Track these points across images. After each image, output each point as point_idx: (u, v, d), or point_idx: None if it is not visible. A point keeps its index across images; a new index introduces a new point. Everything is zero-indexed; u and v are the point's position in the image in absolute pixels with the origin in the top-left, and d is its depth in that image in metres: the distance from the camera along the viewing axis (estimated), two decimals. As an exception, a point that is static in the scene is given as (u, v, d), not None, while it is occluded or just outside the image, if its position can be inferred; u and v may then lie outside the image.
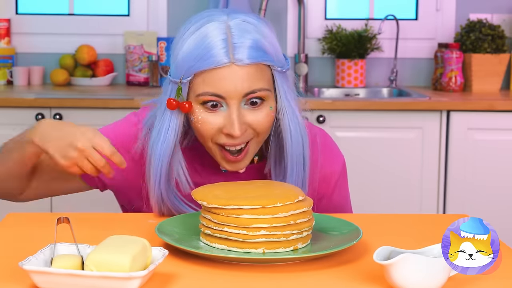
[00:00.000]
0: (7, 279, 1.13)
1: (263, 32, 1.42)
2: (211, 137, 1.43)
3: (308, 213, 1.26)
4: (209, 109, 1.41)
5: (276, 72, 1.43)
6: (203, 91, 1.40)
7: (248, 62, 1.38)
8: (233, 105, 1.39)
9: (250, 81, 1.39)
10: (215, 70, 1.38)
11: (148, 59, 3.47)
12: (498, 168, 3.05)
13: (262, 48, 1.40)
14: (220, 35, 1.38)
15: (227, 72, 1.38)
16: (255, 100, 1.41)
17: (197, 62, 1.38)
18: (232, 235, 1.22)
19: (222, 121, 1.41)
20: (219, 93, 1.39)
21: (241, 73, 1.38)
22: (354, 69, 3.50)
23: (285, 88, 1.45)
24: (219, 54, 1.37)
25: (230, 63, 1.38)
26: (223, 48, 1.37)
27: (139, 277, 1.06)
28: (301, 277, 1.16)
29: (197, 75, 1.40)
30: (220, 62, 1.37)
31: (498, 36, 3.42)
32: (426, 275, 1.09)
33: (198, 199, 1.26)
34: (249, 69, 1.39)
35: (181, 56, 1.41)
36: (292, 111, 1.46)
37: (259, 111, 1.42)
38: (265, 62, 1.41)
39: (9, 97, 3.03)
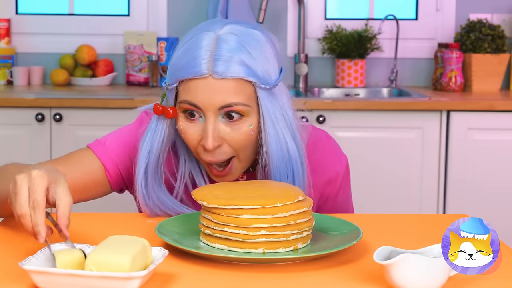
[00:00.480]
0: (7, 279, 1.13)
1: (253, 46, 1.39)
2: (194, 149, 1.44)
3: (308, 213, 1.26)
4: (188, 119, 1.42)
5: (259, 89, 1.40)
6: (183, 99, 1.41)
7: (226, 76, 1.37)
8: (209, 117, 1.39)
9: (225, 95, 1.38)
10: (194, 80, 1.39)
11: (148, 59, 3.47)
12: (498, 168, 3.05)
13: (245, 63, 1.37)
14: (207, 46, 1.38)
15: (203, 83, 1.38)
16: (232, 114, 1.40)
17: (181, 70, 1.40)
18: (232, 235, 1.22)
19: (200, 132, 1.41)
20: (195, 103, 1.39)
21: (216, 86, 1.38)
22: (354, 69, 3.50)
23: (269, 106, 1.41)
24: (200, 65, 1.38)
25: (208, 75, 1.38)
26: (204, 59, 1.38)
27: (139, 277, 1.06)
28: (301, 277, 1.16)
29: (181, 83, 1.41)
30: (198, 73, 1.38)
31: (498, 36, 3.42)
32: (426, 275, 1.09)
33: (198, 199, 1.26)
34: (226, 83, 1.38)
35: (172, 62, 1.43)
36: (275, 129, 1.42)
37: (237, 126, 1.40)
38: (246, 78, 1.38)
39: (9, 97, 3.03)
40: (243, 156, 1.44)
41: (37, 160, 2.98)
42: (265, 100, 1.41)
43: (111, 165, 1.53)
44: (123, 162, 1.54)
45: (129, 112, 2.84)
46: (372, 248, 1.30)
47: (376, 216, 1.59)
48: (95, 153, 1.53)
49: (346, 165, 1.61)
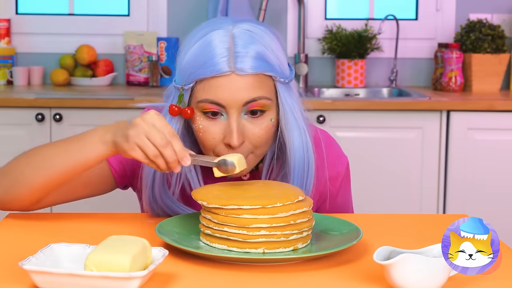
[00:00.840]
0: (7, 279, 1.13)
1: (267, 42, 1.41)
2: (213, 148, 1.42)
3: (308, 213, 1.26)
4: (209, 118, 1.41)
5: (278, 83, 1.42)
6: (203, 98, 1.39)
7: (249, 72, 1.38)
8: (232, 114, 1.39)
9: (250, 91, 1.38)
10: (215, 78, 1.38)
11: (148, 59, 3.47)
12: (498, 168, 3.05)
13: (264, 59, 1.39)
14: (223, 44, 1.38)
15: (227, 81, 1.38)
16: (255, 110, 1.40)
17: (199, 69, 1.38)
18: (232, 235, 1.22)
19: (222, 131, 1.40)
20: (219, 102, 1.39)
21: (240, 82, 1.38)
22: (354, 69, 3.50)
23: (288, 99, 1.43)
24: (220, 63, 1.37)
25: (230, 72, 1.38)
26: (224, 57, 1.37)
27: (139, 277, 1.06)
28: (301, 277, 1.16)
29: (199, 82, 1.40)
30: (220, 71, 1.37)
31: (498, 36, 3.42)
32: (426, 275, 1.09)
33: (198, 199, 1.26)
34: (249, 79, 1.38)
35: (185, 62, 1.41)
36: (296, 123, 1.44)
37: (259, 122, 1.41)
38: (267, 73, 1.40)
39: (9, 97, 3.03)
40: (260, 152, 1.44)
41: (37, 160, 2.98)
42: (284, 93, 1.43)
43: (116, 161, 1.53)
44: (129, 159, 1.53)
45: (129, 112, 2.85)
46: (372, 248, 1.30)
47: (376, 216, 1.59)
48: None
49: (347, 166, 1.61)
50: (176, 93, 1.44)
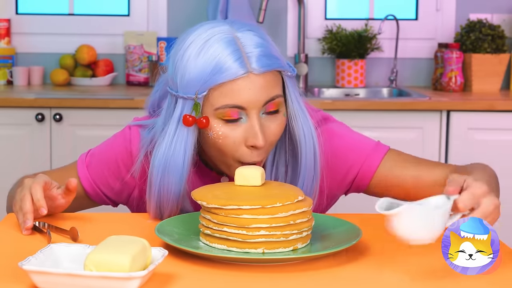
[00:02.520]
0: (7, 279, 1.13)
1: (268, 39, 1.42)
2: (233, 153, 1.41)
3: (308, 213, 1.26)
4: (228, 123, 1.39)
5: (286, 77, 1.44)
6: (222, 104, 1.38)
7: (264, 70, 1.38)
8: (253, 115, 1.39)
9: (268, 89, 1.39)
10: (232, 82, 1.37)
11: (148, 59, 3.47)
12: (498, 168, 3.02)
13: (273, 55, 1.40)
14: (230, 47, 1.37)
15: (246, 82, 1.37)
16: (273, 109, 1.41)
17: (212, 76, 1.36)
18: (231, 235, 1.22)
19: (243, 133, 1.40)
20: (240, 104, 1.38)
21: (259, 81, 1.38)
22: (354, 69, 3.50)
23: (295, 92, 1.45)
24: (235, 66, 1.36)
25: (247, 73, 1.37)
26: (237, 60, 1.36)
27: (139, 277, 1.06)
28: (301, 277, 1.16)
29: (214, 89, 1.38)
30: (237, 74, 1.36)
31: (498, 36, 3.42)
32: (426, 225, 1.14)
33: (198, 199, 1.26)
34: (266, 77, 1.38)
35: (191, 72, 1.38)
36: (304, 114, 1.46)
37: (275, 119, 1.42)
38: (278, 68, 1.41)
39: (9, 97, 3.03)
40: (270, 149, 1.45)
41: (37, 159, 2.98)
42: (292, 87, 1.45)
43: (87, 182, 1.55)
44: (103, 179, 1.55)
45: (129, 112, 2.85)
46: (372, 248, 1.30)
47: (376, 216, 1.58)
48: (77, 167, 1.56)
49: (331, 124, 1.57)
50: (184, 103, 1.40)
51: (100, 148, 1.57)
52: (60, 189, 1.43)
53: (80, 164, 1.56)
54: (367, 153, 1.54)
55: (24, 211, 1.37)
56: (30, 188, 1.38)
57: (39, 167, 2.88)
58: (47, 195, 1.41)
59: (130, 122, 1.56)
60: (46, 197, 1.40)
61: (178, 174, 1.42)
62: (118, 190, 1.55)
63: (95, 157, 1.56)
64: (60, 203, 1.44)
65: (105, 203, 1.59)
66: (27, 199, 1.37)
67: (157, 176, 1.43)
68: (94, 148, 1.58)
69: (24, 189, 1.39)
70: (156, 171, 1.43)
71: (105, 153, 1.55)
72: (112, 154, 1.54)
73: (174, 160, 1.41)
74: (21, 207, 1.38)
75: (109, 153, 1.55)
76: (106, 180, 1.54)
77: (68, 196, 1.43)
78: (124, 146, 1.53)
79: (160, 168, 1.42)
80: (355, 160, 1.54)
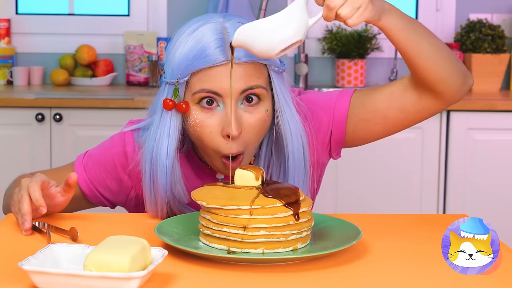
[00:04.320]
0: (7, 279, 1.13)
1: None
2: (211, 141, 1.41)
3: (308, 213, 1.26)
4: (205, 108, 1.40)
5: (272, 72, 1.43)
6: (199, 88, 1.40)
7: (245, 60, 1.39)
8: (229, 103, 1.39)
9: (247, 78, 1.39)
10: (212, 68, 1.38)
11: (148, 59, 3.47)
12: (498, 168, 3.05)
13: None
14: (216, 35, 1.39)
15: (224, 69, 1.38)
16: (252, 97, 1.41)
17: (194, 61, 1.39)
18: (231, 235, 1.22)
19: (219, 122, 1.40)
20: (216, 90, 1.39)
21: (237, 70, 1.38)
22: (354, 69, 3.50)
23: (282, 88, 1.44)
24: (216, 53, 1.38)
25: (227, 61, 1.38)
26: (219, 47, 1.38)
27: (139, 277, 1.06)
28: (301, 277, 1.16)
29: (194, 75, 1.40)
30: (216, 60, 1.38)
31: (498, 36, 3.42)
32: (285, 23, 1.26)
33: (198, 200, 1.26)
34: (245, 67, 1.39)
35: (177, 57, 1.41)
36: (291, 111, 1.45)
37: (255, 111, 1.41)
38: (261, 61, 1.41)
39: (9, 97, 3.03)
40: (249, 150, 1.44)
41: (37, 159, 2.98)
42: (279, 83, 1.44)
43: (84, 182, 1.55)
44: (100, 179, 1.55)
45: (129, 112, 2.85)
46: (372, 248, 1.30)
47: (376, 216, 1.59)
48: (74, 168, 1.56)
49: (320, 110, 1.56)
50: (169, 88, 1.43)
51: (97, 149, 1.58)
52: (59, 187, 1.43)
53: (77, 165, 1.56)
54: (334, 102, 1.53)
55: (22, 213, 1.37)
56: (28, 188, 1.38)
57: (39, 167, 2.88)
58: (45, 193, 1.41)
59: (125, 128, 1.56)
60: (45, 196, 1.40)
61: (163, 159, 1.43)
62: (115, 190, 1.55)
63: (92, 158, 1.56)
64: (59, 201, 1.44)
65: (102, 204, 1.59)
66: (25, 200, 1.37)
67: (145, 163, 1.45)
68: (91, 149, 1.59)
69: (21, 190, 1.39)
70: (145, 158, 1.45)
71: (102, 154, 1.56)
72: (109, 155, 1.54)
73: (160, 145, 1.43)
74: (20, 209, 1.38)
75: (106, 154, 1.55)
76: (103, 180, 1.54)
77: (67, 193, 1.43)
78: (120, 147, 1.54)
79: (148, 155, 1.45)
80: (326, 114, 1.53)
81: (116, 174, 1.53)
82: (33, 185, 1.38)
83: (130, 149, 1.52)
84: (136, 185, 1.53)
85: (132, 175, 1.52)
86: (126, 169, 1.52)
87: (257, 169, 1.29)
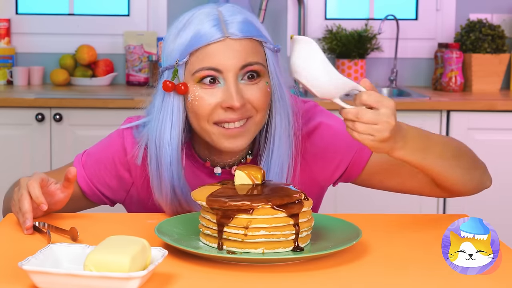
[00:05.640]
0: (7, 279, 1.13)
1: (250, 14, 1.46)
2: (208, 115, 1.42)
3: (308, 213, 1.26)
4: (206, 86, 1.41)
5: (268, 50, 1.45)
6: (199, 67, 1.41)
7: (242, 35, 1.41)
8: (230, 78, 1.40)
9: (246, 54, 1.41)
10: (209, 46, 1.40)
11: (148, 59, 3.47)
12: (498, 168, 3.04)
13: (253, 25, 1.44)
14: (211, 16, 1.42)
15: (222, 45, 1.40)
16: (252, 73, 1.42)
17: (191, 41, 1.41)
18: (231, 235, 1.22)
19: (220, 96, 1.41)
20: (215, 67, 1.40)
21: (236, 45, 1.40)
22: (354, 69, 3.50)
23: (276, 67, 1.46)
24: (212, 31, 1.40)
25: (224, 37, 1.40)
26: (215, 25, 1.40)
27: (139, 277, 1.06)
28: (301, 277, 1.16)
29: (192, 55, 1.42)
30: (213, 37, 1.40)
31: (498, 36, 3.42)
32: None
33: (198, 200, 1.26)
34: (243, 42, 1.41)
35: (176, 42, 1.43)
36: (281, 91, 1.47)
37: (256, 86, 1.43)
38: (258, 38, 1.43)
39: (9, 97, 3.03)
40: (258, 119, 1.44)
41: (37, 159, 2.98)
42: (273, 62, 1.46)
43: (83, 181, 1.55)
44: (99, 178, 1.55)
45: (129, 112, 2.84)
46: (372, 248, 1.30)
47: (376, 216, 1.59)
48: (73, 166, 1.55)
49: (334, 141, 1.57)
50: (168, 74, 1.44)
51: (96, 147, 1.58)
52: (58, 184, 1.44)
53: (76, 164, 1.57)
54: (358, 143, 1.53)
55: (23, 211, 1.37)
56: (27, 186, 1.38)
57: (39, 167, 2.88)
58: (45, 191, 1.41)
59: (123, 125, 1.57)
60: (45, 194, 1.40)
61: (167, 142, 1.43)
62: (115, 188, 1.55)
63: (91, 156, 1.57)
64: (59, 198, 1.44)
65: (102, 202, 1.59)
66: (25, 198, 1.37)
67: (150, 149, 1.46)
68: (90, 148, 1.59)
69: (21, 189, 1.39)
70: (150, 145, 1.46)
71: (101, 152, 1.56)
72: (108, 153, 1.55)
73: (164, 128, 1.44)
74: (20, 208, 1.38)
75: (105, 152, 1.56)
76: (103, 179, 1.55)
77: (67, 189, 1.43)
78: (119, 144, 1.54)
79: (153, 141, 1.46)
80: (347, 151, 1.54)
81: (116, 172, 1.54)
82: (32, 183, 1.38)
83: (129, 145, 1.52)
84: (136, 179, 1.53)
85: (132, 170, 1.52)
86: (125, 166, 1.53)
87: (257, 169, 1.29)
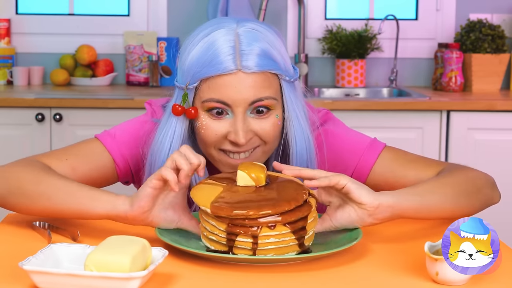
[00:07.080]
0: (7, 279, 1.13)
1: (272, 41, 1.40)
2: (214, 143, 1.41)
3: (314, 212, 1.25)
4: (214, 116, 1.39)
5: (283, 81, 1.42)
6: (208, 97, 1.38)
7: (256, 69, 1.37)
8: (238, 113, 1.38)
9: (257, 89, 1.37)
10: (221, 77, 1.37)
11: (148, 59, 3.47)
12: (498, 168, 3.05)
13: (270, 57, 1.38)
14: (228, 42, 1.37)
15: (234, 79, 1.36)
16: (261, 109, 1.39)
17: (204, 68, 1.37)
18: (240, 243, 1.20)
19: (227, 128, 1.39)
20: (225, 100, 1.37)
21: (247, 80, 1.37)
22: (354, 69, 3.50)
23: (292, 98, 1.43)
24: (226, 61, 1.36)
25: (237, 70, 1.36)
26: (230, 55, 1.36)
27: (139, 278, 1.06)
28: (301, 277, 1.16)
29: (204, 81, 1.38)
30: (226, 69, 1.36)
31: (498, 36, 3.42)
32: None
33: (201, 205, 1.23)
34: (256, 77, 1.37)
35: (188, 62, 1.40)
36: (299, 122, 1.44)
37: (266, 120, 1.40)
38: (273, 71, 1.39)
39: (9, 97, 3.03)
40: (268, 148, 1.43)
41: (37, 160, 2.98)
42: (289, 92, 1.43)
43: (121, 159, 1.51)
44: (133, 155, 1.52)
45: (129, 112, 2.84)
46: (372, 249, 1.30)
47: (376, 216, 1.58)
48: (105, 146, 1.51)
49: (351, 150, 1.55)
50: (179, 93, 1.43)
51: (124, 125, 1.55)
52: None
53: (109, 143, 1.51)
54: (362, 151, 1.53)
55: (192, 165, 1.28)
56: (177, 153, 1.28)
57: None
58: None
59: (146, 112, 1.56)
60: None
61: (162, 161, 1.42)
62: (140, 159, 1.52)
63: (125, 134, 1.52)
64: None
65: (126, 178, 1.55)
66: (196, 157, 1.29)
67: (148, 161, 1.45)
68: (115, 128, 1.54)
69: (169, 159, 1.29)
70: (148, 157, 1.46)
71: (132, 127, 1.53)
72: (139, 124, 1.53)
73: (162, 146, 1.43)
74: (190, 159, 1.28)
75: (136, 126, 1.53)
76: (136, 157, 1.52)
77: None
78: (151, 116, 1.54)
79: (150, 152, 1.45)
80: (351, 159, 1.53)
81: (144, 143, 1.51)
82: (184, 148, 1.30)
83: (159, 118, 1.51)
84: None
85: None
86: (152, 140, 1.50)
87: (259, 169, 1.27)
